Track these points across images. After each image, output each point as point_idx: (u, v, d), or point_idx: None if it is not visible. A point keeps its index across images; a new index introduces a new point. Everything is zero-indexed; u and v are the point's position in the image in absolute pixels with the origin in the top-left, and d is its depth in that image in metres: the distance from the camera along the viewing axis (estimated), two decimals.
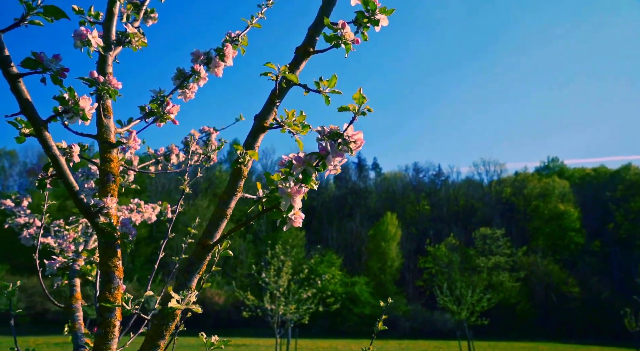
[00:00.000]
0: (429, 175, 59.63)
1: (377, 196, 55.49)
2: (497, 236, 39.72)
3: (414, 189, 57.36)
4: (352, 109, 1.13)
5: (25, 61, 1.03)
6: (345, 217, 48.96)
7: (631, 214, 44.55)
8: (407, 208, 53.26)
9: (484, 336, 27.91)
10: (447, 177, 58.96)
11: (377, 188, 57.76)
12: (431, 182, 59.36)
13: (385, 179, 59.76)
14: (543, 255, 39.46)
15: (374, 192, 56.39)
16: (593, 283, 36.13)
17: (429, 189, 57.29)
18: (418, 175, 59.72)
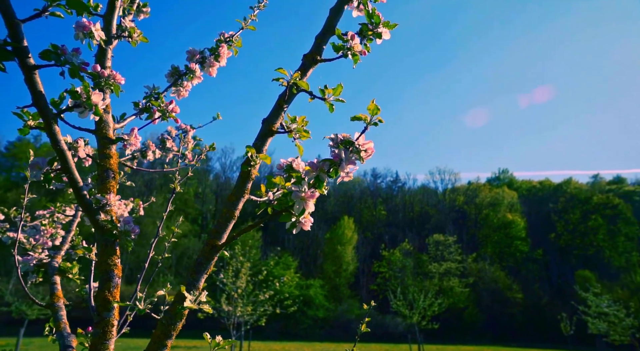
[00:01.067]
0: (386, 181, 60.86)
1: (334, 200, 55.95)
2: (449, 243, 41.06)
3: (371, 194, 58.31)
4: (364, 118, 1.18)
5: (44, 52, 1.01)
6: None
7: (570, 225, 47.41)
8: (363, 212, 54.08)
9: (434, 339, 28.76)
10: (403, 184, 60.40)
11: (335, 192, 58.24)
12: (388, 188, 60.59)
13: (343, 183, 60.27)
14: (491, 262, 41.21)
15: (332, 196, 56.82)
16: (534, 289, 38.15)
17: (386, 195, 58.44)
18: (376, 181, 60.82)
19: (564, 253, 45.56)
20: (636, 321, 19.32)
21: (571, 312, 25.57)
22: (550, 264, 44.98)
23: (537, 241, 46.49)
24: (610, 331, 19.87)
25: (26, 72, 1.00)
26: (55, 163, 1.17)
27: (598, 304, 20.73)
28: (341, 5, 1.48)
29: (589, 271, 38.38)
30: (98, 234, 1.26)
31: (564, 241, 46.42)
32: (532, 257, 44.62)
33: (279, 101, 1.38)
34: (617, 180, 57.20)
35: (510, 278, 38.70)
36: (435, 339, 28.66)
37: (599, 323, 20.43)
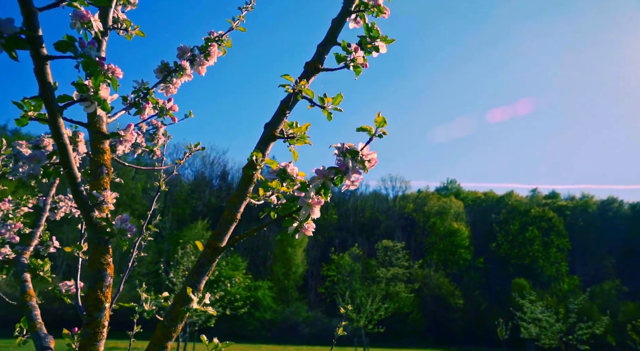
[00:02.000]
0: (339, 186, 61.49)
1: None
2: (398, 249, 42.14)
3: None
4: (370, 130, 1.22)
5: (60, 43, 0.98)
6: (254, 220, 48.50)
7: (510, 236, 50.09)
8: None
9: (379, 343, 29.33)
10: (356, 189, 61.33)
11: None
12: (341, 192, 61.29)
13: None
14: (436, 269, 42.70)
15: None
16: (475, 295, 39.95)
17: (338, 199, 59.02)
18: None
19: (503, 262, 48.05)
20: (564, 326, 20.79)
21: (507, 318, 27.00)
22: (490, 272, 47.28)
23: (479, 250, 48.71)
24: (541, 336, 21.22)
25: (38, 62, 0.97)
26: (54, 157, 1.12)
27: (533, 310, 22.08)
28: (343, 17, 1.53)
29: (524, 279, 40.71)
30: (91, 232, 1.22)
31: (504, 250, 48.94)
32: (474, 265, 46.70)
33: (281, 107, 1.40)
34: (552, 195, 61.09)
35: (453, 284, 40.29)
36: (380, 343, 29.27)
37: (532, 328, 21.77)
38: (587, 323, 21.61)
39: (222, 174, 52.40)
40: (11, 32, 0.90)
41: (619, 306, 36.90)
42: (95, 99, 1.08)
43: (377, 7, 1.48)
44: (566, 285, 40.19)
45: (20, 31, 0.90)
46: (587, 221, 53.76)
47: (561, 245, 47.56)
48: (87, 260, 1.23)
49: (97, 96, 1.08)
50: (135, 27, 1.57)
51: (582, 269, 47.32)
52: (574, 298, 24.46)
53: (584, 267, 48.29)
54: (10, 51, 0.93)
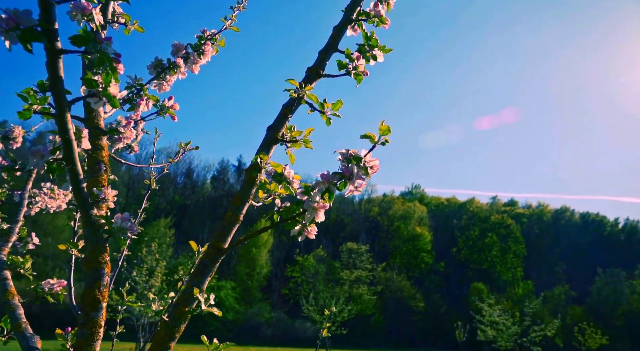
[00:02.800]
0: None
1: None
2: (362, 252, 42.60)
3: (290, 199, 58.57)
4: (373, 137, 1.26)
5: (76, 37, 0.96)
6: (219, 219, 47.94)
7: (470, 241, 51.65)
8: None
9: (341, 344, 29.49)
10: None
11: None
12: None
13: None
14: (399, 272, 43.46)
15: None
16: (435, 299, 40.93)
17: None
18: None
19: (463, 266, 49.48)
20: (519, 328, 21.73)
21: (465, 320, 27.82)
22: (451, 276, 48.56)
23: (440, 254, 49.93)
24: (498, 338, 22.03)
25: (52, 56, 0.95)
26: (57, 152, 1.10)
27: (491, 314, 22.90)
28: (344, 24, 1.56)
29: (482, 283, 42.06)
30: (89, 230, 1.20)
31: (464, 255, 50.41)
32: (435, 269, 47.84)
33: (284, 110, 1.41)
34: (511, 203, 63.44)
35: (415, 287, 41.13)
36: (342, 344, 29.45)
37: (490, 330, 22.59)
38: (540, 326, 22.64)
39: (187, 172, 51.42)
40: (29, 24, 0.88)
41: (567, 310, 38.78)
42: (105, 95, 1.07)
43: (379, 17, 1.52)
44: (521, 290, 41.85)
45: (38, 24, 0.88)
46: (542, 228, 56.19)
47: (517, 251, 49.47)
48: (84, 259, 1.20)
49: (106, 92, 1.07)
50: (135, 22, 1.55)
51: (536, 275, 49.40)
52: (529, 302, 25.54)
53: (538, 272, 50.42)
54: (26, 43, 0.91)
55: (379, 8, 1.52)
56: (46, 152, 1.08)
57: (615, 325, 38.70)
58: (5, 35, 0.92)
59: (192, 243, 1.49)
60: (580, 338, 27.16)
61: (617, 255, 51.88)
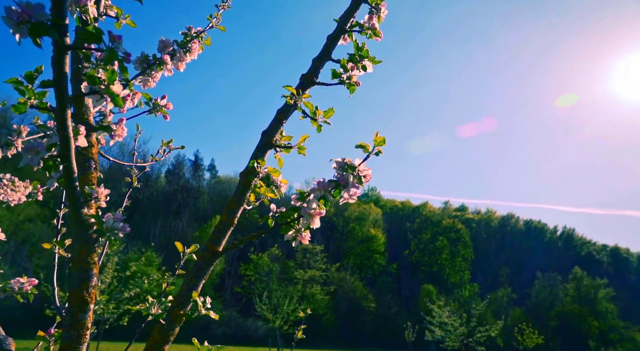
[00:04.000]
0: None
1: (208, 198, 54.40)
2: (316, 252, 42.83)
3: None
4: (367, 147, 1.30)
5: (86, 34, 0.94)
6: (172, 215, 46.64)
7: (421, 244, 53.21)
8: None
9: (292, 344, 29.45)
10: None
11: (210, 190, 56.70)
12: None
13: (220, 181, 59.08)
14: (352, 273, 44.06)
15: (207, 193, 55.18)
16: (386, 299, 41.84)
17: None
18: None
19: (414, 269, 50.90)
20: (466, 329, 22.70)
21: (415, 321, 28.63)
22: (402, 278, 49.82)
23: (393, 256, 51.10)
24: (446, 339, 22.88)
25: (60, 51, 0.93)
26: (52, 149, 1.06)
27: (441, 315, 23.73)
28: (338, 34, 1.59)
29: (432, 285, 43.42)
30: (78, 229, 1.17)
31: (415, 257, 51.86)
32: (387, 270, 48.91)
33: (278, 116, 1.43)
34: (462, 208, 65.92)
35: (367, 288, 41.86)
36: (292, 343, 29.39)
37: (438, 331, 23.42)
38: (485, 326, 23.74)
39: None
40: (40, 19, 0.86)
41: (508, 311, 40.82)
42: (108, 93, 1.05)
43: (373, 29, 1.57)
44: (467, 292, 43.57)
45: (51, 19, 0.86)
46: (489, 233, 58.78)
47: (466, 255, 51.48)
48: (72, 259, 1.17)
49: (109, 90, 1.05)
50: (127, 17, 1.51)
51: (481, 278, 51.63)
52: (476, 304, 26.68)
53: (483, 276, 52.72)
54: (36, 38, 0.88)
55: (374, 21, 1.57)
56: (42, 149, 1.04)
57: (549, 326, 41.23)
58: (16, 29, 0.89)
59: (177, 244, 1.48)
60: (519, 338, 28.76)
61: (555, 260, 55.22)
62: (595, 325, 43.17)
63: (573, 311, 43.18)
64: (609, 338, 43.40)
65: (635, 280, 60.44)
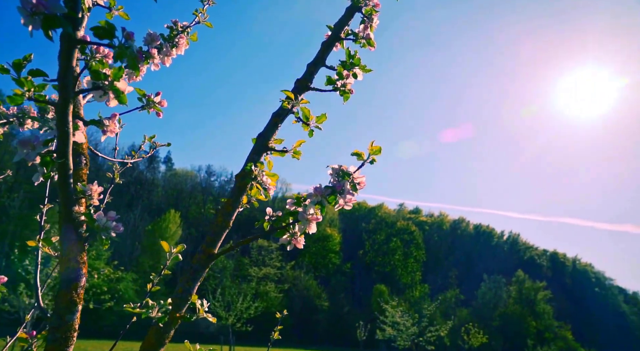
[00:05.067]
0: (220, 180, 60.13)
1: (163, 191, 52.88)
2: (272, 249, 42.63)
3: (202, 190, 56.86)
4: (362, 155, 1.33)
5: (98, 29, 0.91)
6: (124, 207, 44.91)
7: (376, 245, 54.19)
8: (191, 208, 52.38)
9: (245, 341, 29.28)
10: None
11: (165, 183, 55.15)
12: (221, 187, 59.92)
13: (175, 175, 57.56)
14: (307, 271, 44.19)
15: (161, 186, 53.60)
16: (340, 298, 42.31)
17: (218, 194, 57.70)
18: (210, 178, 59.59)
19: (368, 269, 51.76)
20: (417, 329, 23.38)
21: (367, 320, 29.17)
22: (355, 277, 50.53)
23: (347, 256, 51.72)
24: (398, 338, 23.45)
25: (70, 45, 0.90)
26: (49, 144, 1.02)
27: (393, 314, 24.29)
28: (333, 41, 1.61)
29: (384, 285, 44.33)
30: (67, 227, 1.13)
31: (369, 258, 52.75)
32: (341, 269, 49.44)
33: (274, 119, 1.44)
34: (416, 211, 67.71)
35: (321, 287, 42.15)
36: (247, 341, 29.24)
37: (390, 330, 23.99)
38: (436, 326, 24.55)
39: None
40: (55, 11, 0.83)
41: (455, 312, 42.41)
42: (112, 89, 1.02)
43: (367, 39, 1.60)
44: (418, 292, 44.82)
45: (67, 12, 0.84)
46: (441, 236, 60.76)
47: (418, 256, 52.94)
48: (60, 258, 1.13)
49: (113, 87, 1.02)
50: (120, 8, 1.47)
51: (432, 279, 53.27)
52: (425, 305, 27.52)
53: (433, 277, 54.41)
54: (48, 30, 0.85)
55: (369, 31, 1.60)
56: (38, 144, 1.00)
57: (493, 326, 43.25)
58: (29, 20, 0.86)
59: (163, 244, 1.45)
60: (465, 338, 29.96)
61: (500, 263, 57.91)
62: (533, 324, 45.75)
63: (514, 312, 45.51)
64: (544, 337, 46.13)
65: (570, 283, 64.50)
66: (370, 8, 1.64)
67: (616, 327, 59.44)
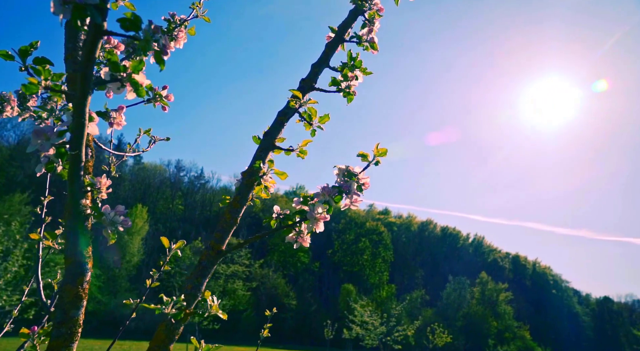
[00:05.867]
0: (189, 175, 59.08)
1: (129, 185, 51.50)
2: None
3: (171, 186, 55.76)
4: (367, 157, 1.36)
5: (124, 21, 0.90)
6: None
7: (345, 245, 54.57)
8: (159, 203, 51.27)
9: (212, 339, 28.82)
10: (207, 181, 59.66)
11: (132, 177, 53.71)
12: (190, 183, 58.94)
13: (143, 169, 56.14)
14: (275, 269, 44.04)
15: (128, 180, 52.18)
16: (307, 297, 42.39)
17: (187, 190, 56.74)
18: (179, 173, 58.45)
19: (336, 268, 52.05)
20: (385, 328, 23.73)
21: (334, 319, 29.35)
22: (324, 277, 50.74)
23: (316, 255, 51.85)
24: (365, 337, 23.71)
25: (96, 35, 0.88)
26: (63, 135, 1.00)
27: (362, 314, 24.54)
28: (336, 43, 1.63)
29: (352, 285, 44.72)
30: (74, 221, 1.11)
31: (338, 257, 53.07)
32: (310, 268, 49.54)
33: (280, 118, 1.44)
34: (385, 212, 68.54)
35: (289, 285, 42.09)
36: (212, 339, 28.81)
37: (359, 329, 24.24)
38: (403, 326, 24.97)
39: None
40: (86, 0, 0.82)
41: (421, 312, 43.27)
42: (130, 81, 1.01)
43: (371, 43, 1.63)
44: (385, 293, 45.42)
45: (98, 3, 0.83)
46: (408, 237, 61.78)
47: (386, 257, 53.66)
48: (65, 252, 1.11)
49: (132, 79, 1.01)
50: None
51: (399, 279, 54.12)
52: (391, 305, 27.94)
53: (400, 277, 55.31)
54: (77, 20, 0.84)
55: (372, 35, 1.63)
56: (53, 134, 0.97)
57: (456, 326, 44.39)
58: (60, 9, 0.84)
59: (163, 239, 1.44)
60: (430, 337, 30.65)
61: (465, 265, 59.45)
62: (494, 324, 47.26)
63: (477, 313, 46.87)
64: (504, 337, 47.73)
65: (530, 285, 66.91)
66: (374, 12, 1.67)
67: (570, 327, 62.13)
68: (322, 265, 51.88)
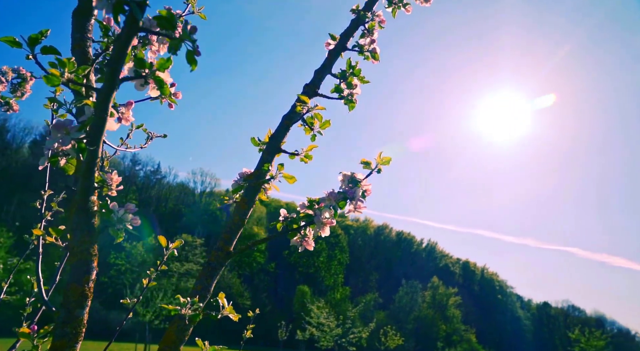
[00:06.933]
0: (145, 170, 57.24)
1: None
2: (196, 245, 41.40)
3: (126, 180, 53.77)
4: (370, 164, 1.40)
5: (159, 18, 0.90)
6: (32, 192, 41.21)
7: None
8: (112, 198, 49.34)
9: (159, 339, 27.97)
10: (163, 177, 58.03)
11: None
12: (146, 177, 57.13)
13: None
14: (230, 269, 43.41)
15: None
16: (262, 298, 42.10)
17: (142, 184, 54.97)
18: (134, 167, 56.50)
19: (292, 269, 52.00)
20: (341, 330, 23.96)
21: (288, 320, 29.29)
22: (279, 277, 50.56)
23: (272, 255, 51.59)
24: (321, 338, 23.83)
25: (131, 31, 0.88)
26: (82, 130, 0.98)
27: (319, 315, 24.65)
28: (339, 51, 1.67)
29: (307, 286, 44.83)
30: (81, 217, 1.08)
31: (294, 258, 53.02)
32: (265, 269, 49.23)
33: (285, 121, 1.46)
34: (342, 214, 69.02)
35: (244, 285, 41.64)
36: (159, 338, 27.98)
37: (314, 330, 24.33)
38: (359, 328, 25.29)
39: None
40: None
41: (374, 314, 44.03)
42: (154, 78, 1.01)
43: (373, 53, 1.67)
44: (339, 295, 45.90)
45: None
46: (364, 241, 62.68)
47: (342, 259, 54.21)
48: (71, 249, 1.08)
49: (156, 76, 1.01)
50: None
51: (354, 282, 54.80)
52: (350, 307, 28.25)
53: (355, 280, 56.02)
54: (117, 14, 0.83)
55: (375, 45, 1.67)
56: (73, 129, 0.95)
57: (407, 328, 45.53)
58: (102, 3, 0.83)
59: (160, 238, 1.41)
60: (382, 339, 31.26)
61: (419, 269, 61.09)
62: (443, 328, 48.84)
63: (427, 316, 48.26)
64: (452, 340, 49.42)
65: (478, 290, 69.61)
66: (375, 23, 1.71)
67: (513, 330, 65.17)
68: (278, 266, 51.69)
